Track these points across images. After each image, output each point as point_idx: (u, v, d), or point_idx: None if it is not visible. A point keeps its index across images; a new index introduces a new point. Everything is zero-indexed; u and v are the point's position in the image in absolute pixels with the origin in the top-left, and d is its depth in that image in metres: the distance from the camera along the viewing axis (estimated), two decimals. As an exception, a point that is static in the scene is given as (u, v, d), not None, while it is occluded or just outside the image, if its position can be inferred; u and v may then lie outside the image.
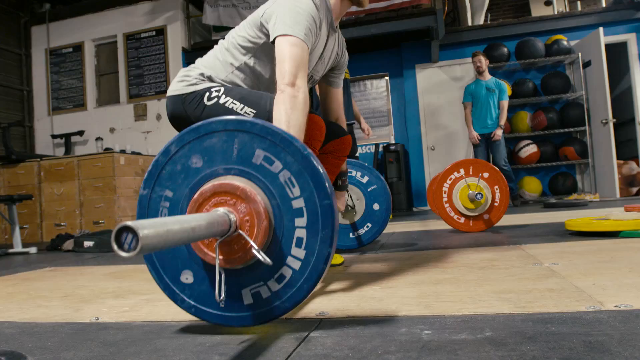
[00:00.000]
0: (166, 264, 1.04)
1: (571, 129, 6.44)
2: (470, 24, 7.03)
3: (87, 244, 3.67)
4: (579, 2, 7.67)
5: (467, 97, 5.68)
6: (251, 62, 1.56)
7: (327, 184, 0.94)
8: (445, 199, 2.95)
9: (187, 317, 1.25)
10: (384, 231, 3.60)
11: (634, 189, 6.25)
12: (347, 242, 2.42)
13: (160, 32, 6.99)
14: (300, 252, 0.95)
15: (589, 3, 7.92)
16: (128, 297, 1.62)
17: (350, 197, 2.35)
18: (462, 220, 2.96)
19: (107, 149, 6.53)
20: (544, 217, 3.83)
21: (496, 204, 2.90)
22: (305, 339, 0.98)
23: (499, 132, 5.47)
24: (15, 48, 7.35)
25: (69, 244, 3.86)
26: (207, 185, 0.97)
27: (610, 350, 0.78)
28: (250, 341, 1.01)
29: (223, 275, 0.96)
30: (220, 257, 0.95)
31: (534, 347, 0.82)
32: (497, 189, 2.88)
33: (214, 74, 1.57)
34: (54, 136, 7.18)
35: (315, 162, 0.94)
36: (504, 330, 0.93)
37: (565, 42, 6.47)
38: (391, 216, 5.65)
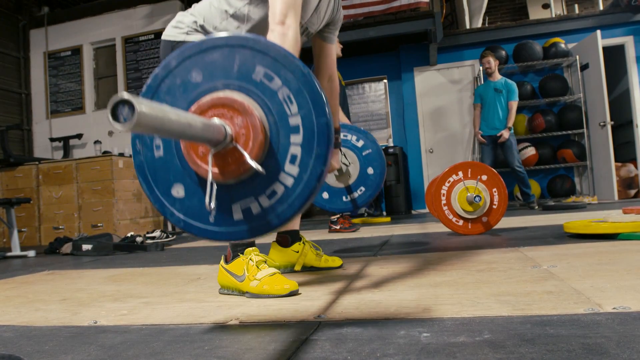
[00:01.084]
0: (158, 176, 1.03)
1: (569, 132, 6.46)
2: (468, 26, 7.05)
3: (86, 247, 3.66)
4: (576, 5, 7.71)
5: (477, 99, 5.66)
6: (246, 9, 1.58)
7: (325, 103, 0.94)
8: (443, 202, 2.95)
9: (185, 321, 1.24)
10: (383, 234, 3.61)
11: (632, 191, 6.26)
12: (342, 206, 2.42)
13: (159, 35, 7.00)
14: (293, 169, 0.95)
15: (587, 6, 7.95)
16: (126, 300, 1.61)
17: (345, 155, 2.35)
18: (461, 222, 2.96)
19: (105, 152, 6.53)
20: (542, 219, 3.83)
21: (494, 207, 2.90)
22: (304, 342, 0.98)
23: (505, 134, 5.41)
24: (13, 51, 7.35)
25: (67, 247, 3.85)
26: (205, 98, 0.96)
27: (608, 352, 0.78)
28: (248, 344, 1.01)
29: (215, 186, 0.95)
30: (214, 169, 0.94)
31: (532, 350, 0.82)
32: (495, 192, 2.88)
33: (207, 23, 1.59)
34: (52, 139, 7.17)
35: (315, 82, 0.95)
36: (502, 333, 0.93)
37: (563, 45, 6.49)
38: (389, 219, 5.66)
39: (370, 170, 2.34)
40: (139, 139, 1.04)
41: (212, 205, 0.94)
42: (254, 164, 0.91)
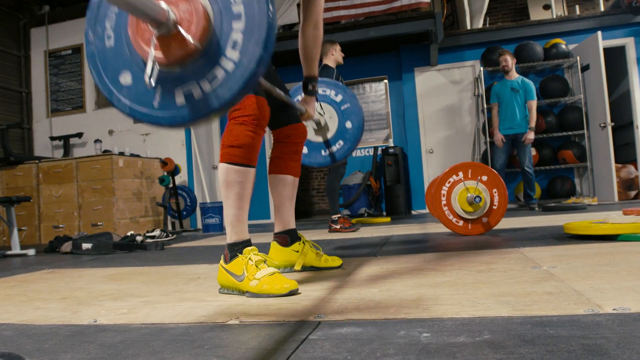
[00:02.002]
0: (107, 65, 1.09)
1: (570, 133, 6.46)
2: (469, 27, 7.05)
3: (86, 246, 3.67)
4: (577, 6, 7.70)
5: (493, 98, 5.59)
6: None
7: None
8: (444, 202, 2.95)
9: (185, 320, 1.24)
10: (383, 234, 3.61)
11: (633, 193, 6.26)
12: (320, 160, 2.41)
13: (160, 34, 7.00)
14: (234, 54, 1.00)
15: (588, 7, 7.95)
16: (126, 299, 1.61)
17: (320, 105, 2.34)
18: (461, 223, 2.96)
19: (105, 151, 6.53)
20: (543, 220, 3.83)
21: (495, 207, 2.90)
22: (304, 342, 0.98)
23: (530, 136, 5.34)
24: (14, 50, 7.35)
25: (67, 246, 3.85)
26: None
27: (608, 353, 0.78)
28: (248, 343, 1.01)
29: (157, 65, 1.01)
30: (158, 53, 1.00)
31: (532, 350, 0.82)
32: (495, 192, 2.88)
33: None
34: (52, 138, 7.17)
35: None
36: (502, 333, 0.93)
37: (563, 46, 6.49)
38: (389, 219, 5.66)
39: (348, 124, 2.33)
40: (92, 30, 1.11)
41: (152, 82, 0.99)
42: (192, 39, 0.97)
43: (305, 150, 2.31)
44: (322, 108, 2.32)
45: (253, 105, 1.58)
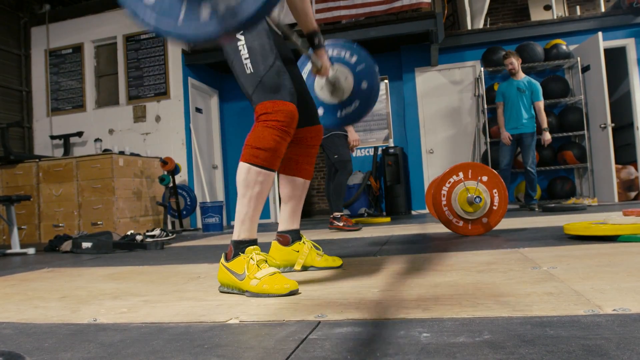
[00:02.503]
0: None
1: (570, 133, 6.46)
2: (469, 27, 7.06)
3: (86, 245, 3.67)
4: (578, 7, 7.71)
5: (499, 97, 5.58)
6: None
7: None
8: (444, 203, 2.95)
9: (185, 319, 1.24)
10: (383, 234, 3.61)
11: (633, 194, 6.26)
12: (336, 122, 2.39)
13: (160, 33, 6.99)
14: None
15: (588, 8, 7.96)
16: (126, 298, 1.61)
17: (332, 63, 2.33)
18: (461, 223, 2.96)
19: (105, 150, 6.53)
20: (543, 220, 3.83)
21: (495, 208, 2.90)
22: (304, 341, 0.98)
23: (547, 137, 5.34)
24: (14, 49, 7.35)
25: (67, 245, 3.85)
26: None
27: (608, 353, 0.78)
28: (248, 343, 1.01)
29: None
30: None
31: (532, 351, 0.82)
32: (495, 193, 2.88)
33: None
34: (52, 137, 7.17)
35: None
36: (502, 334, 0.93)
37: (564, 47, 6.49)
38: (389, 219, 5.66)
39: (364, 84, 2.32)
40: None
41: None
42: None
43: (320, 111, 2.28)
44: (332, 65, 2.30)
45: (285, 111, 1.57)
